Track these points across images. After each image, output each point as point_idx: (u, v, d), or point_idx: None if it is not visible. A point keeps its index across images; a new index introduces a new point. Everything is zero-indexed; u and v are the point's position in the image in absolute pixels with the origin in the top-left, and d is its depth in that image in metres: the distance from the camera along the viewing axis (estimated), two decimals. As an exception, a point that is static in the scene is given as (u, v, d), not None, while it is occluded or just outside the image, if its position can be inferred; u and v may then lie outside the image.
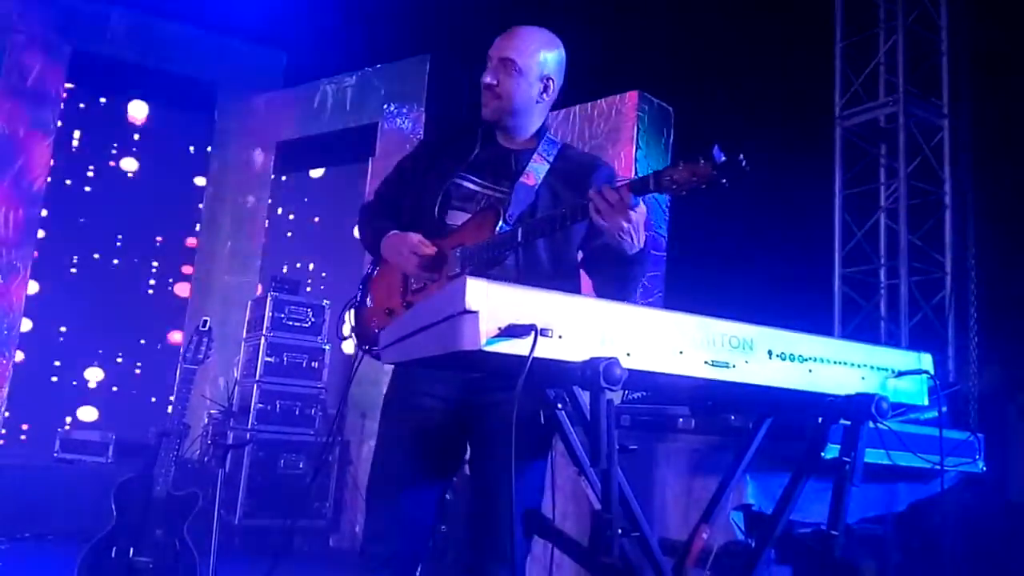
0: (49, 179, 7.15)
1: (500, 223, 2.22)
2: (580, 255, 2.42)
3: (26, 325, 7.09)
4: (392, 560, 2.22)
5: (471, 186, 2.35)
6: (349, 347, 7.12)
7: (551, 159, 2.37)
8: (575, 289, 2.32)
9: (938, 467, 2.52)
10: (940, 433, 2.25)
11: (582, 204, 2.07)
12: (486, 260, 2.18)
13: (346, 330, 2.46)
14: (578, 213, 2.08)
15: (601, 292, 2.35)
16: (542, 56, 2.34)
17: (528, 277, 2.17)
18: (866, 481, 1.91)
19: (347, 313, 2.46)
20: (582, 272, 2.43)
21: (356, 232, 2.64)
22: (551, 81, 2.37)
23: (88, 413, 7.79)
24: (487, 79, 2.34)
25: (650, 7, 5.77)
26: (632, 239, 2.07)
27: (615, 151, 5.37)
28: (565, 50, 2.42)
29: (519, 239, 2.15)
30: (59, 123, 7.38)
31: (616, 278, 2.26)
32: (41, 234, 7.29)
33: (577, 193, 2.24)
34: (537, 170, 2.33)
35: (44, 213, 7.25)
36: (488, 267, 2.17)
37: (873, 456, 2.36)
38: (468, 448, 2.32)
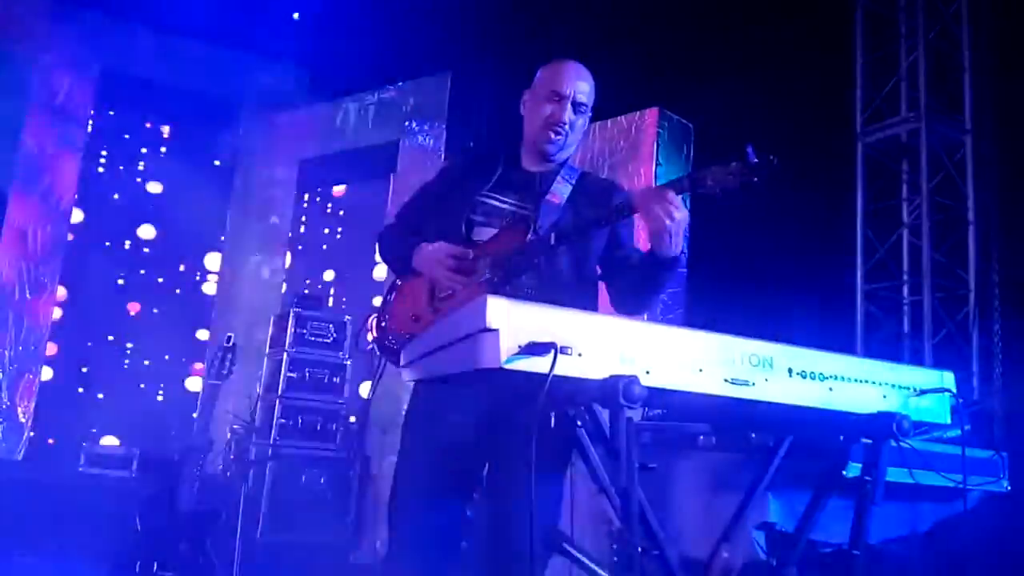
0: (76, 197, 7.25)
1: (530, 234, 2.26)
2: (599, 270, 2.43)
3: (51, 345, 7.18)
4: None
5: (497, 203, 2.39)
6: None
7: (573, 182, 2.43)
8: (594, 300, 2.37)
9: (961, 486, 2.50)
10: (963, 452, 2.23)
11: (624, 203, 2.15)
12: (516, 266, 2.22)
13: (369, 337, 2.49)
14: (624, 210, 2.16)
15: (622, 302, 2.37)
16: (592, 93, 2.44)
17: (551, 287, 2.22)
18: (888, 500, 1.90)
19: (370, 321, 2.49)
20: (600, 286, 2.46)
21: (377, 255, 2.67)
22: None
23: (111, 428, 7.86)
24: (564, 117, 2.38)
25: (669, 23, 5.79)
26: (672, 240, 2.09)
27: (635, 167, 5.37)
28: (585, 66, 2.46)
29: (552, 243, 2.20)
30: (86, 141, 7.49)
31: (643, 281, 2.27)
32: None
33: (599, 213, 2.29)
34: (561, 191, 2.39)
35: (76, 216, 7.35)
36: (517, 275, 2.22)
37: (895, 475, 2.34)
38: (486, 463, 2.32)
